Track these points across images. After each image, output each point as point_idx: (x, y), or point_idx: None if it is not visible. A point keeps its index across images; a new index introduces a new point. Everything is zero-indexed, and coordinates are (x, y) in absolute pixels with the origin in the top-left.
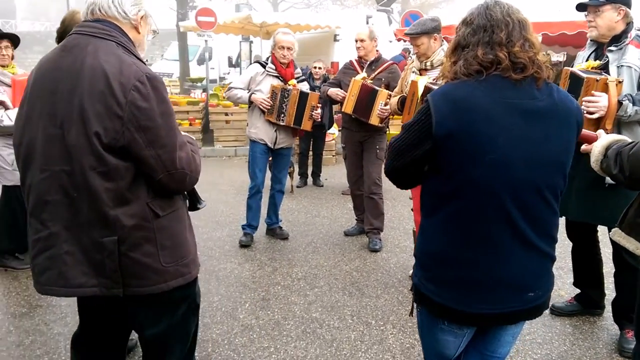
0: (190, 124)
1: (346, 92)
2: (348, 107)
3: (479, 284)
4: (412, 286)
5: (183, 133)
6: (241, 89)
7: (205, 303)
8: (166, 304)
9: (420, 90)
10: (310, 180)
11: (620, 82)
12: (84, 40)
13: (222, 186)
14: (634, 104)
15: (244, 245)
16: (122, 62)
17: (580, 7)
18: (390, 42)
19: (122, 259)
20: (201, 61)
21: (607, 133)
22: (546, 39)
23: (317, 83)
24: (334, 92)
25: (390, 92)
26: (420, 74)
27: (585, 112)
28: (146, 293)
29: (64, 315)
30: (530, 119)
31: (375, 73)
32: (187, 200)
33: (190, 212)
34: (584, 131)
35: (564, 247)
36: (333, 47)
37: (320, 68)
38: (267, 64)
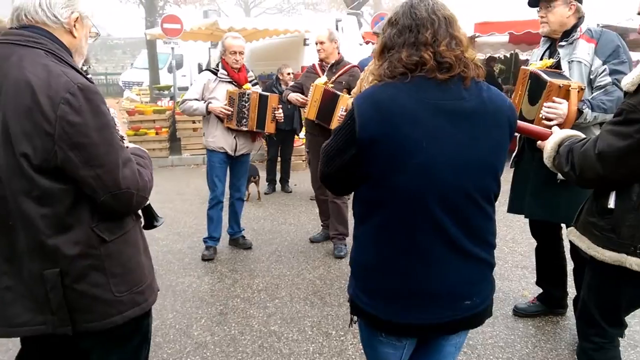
0: (157, 133)
1: (306, 97)
2: (311, 113)
3: (412, 294)
4: (349, 297)
5: (131, 145)
6: (195, 99)
7: (159, 321)
8: (118, 337)
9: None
10: (279, 186)
11: (582, 89)
12: (6, 50)
13: (187, 196)
14: (592, 109)
15: (206, 259)
16: (49, 73)
17: (533, 3)
18: (361, 45)
19: (67, 293)
20: (171, 69)
21: None
22: (513, 38)
23: (285, 88)
24: (294, 97)
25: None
26: None
27: (543, 117)
28: (98, 329)
29: (4, 342)
30: (457, 120)
31: (336, 76)
32: (142, 218)
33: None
34: (539, 128)
35: (529, 245)
36: (303, 52)
37: (289, 74)
38: (218, 70)
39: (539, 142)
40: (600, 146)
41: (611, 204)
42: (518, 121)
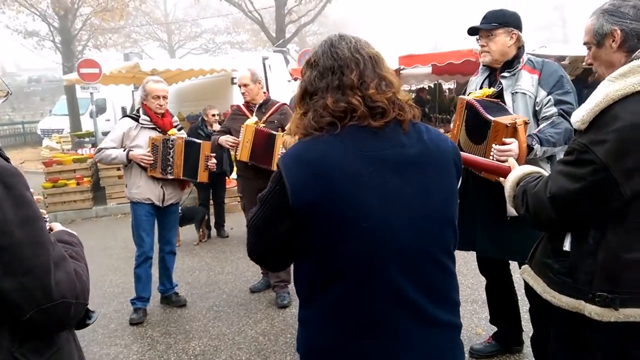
0: (78, 183)
1: (238, 138)
2: (244, 155)
3: None
4: None
5: (57, 228)
6: (114, 147)
7: None
8: None
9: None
10: (214, 232)
11: (527, 122)
12: None
13: (113, 250)
14: (541, 144)
15: (134, 323)
16: None
17: (472, 32)
18: (289, 81)
19: None
20: (92, 114)
21: None
22: (436, 70)
23: (211, 130)
24: (224, 139)
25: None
26: None
27: (494, 158)
28: None
29: None
30: (402, 171)
31: (267, 116)
32: None
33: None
34: (496, 163)
35: (476, 277)
36: (231, 91)
37: (215, 115)
38: (139, 116)
39: (500, 179)
40: (552, 188)
41: (566, 246)
42: (474, 156)
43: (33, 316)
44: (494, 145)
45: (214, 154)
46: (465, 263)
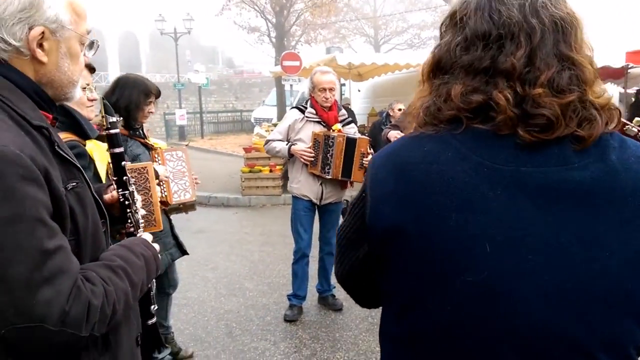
0: (271, 170)
1: None
2: None
3: None
4: None
5: (144, 236)
6: (279, 140)
7: None
8: None
9: None
10: None
11: None
12: None
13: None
14: None
15: (288, 320)
16: None
17: None
18: None
19: None
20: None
21: None
22: None
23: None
24: (393, 134)
25: None
26: None
27: None
28: None
29: None
30: (554, 204)
31: None
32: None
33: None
34: None
35: None
36: None
37: (401, 110)
38: (306, 108)
39: None
40: None
41: None
42: None
43: (6, 335)
44: None
45: (372, 152)
46: None
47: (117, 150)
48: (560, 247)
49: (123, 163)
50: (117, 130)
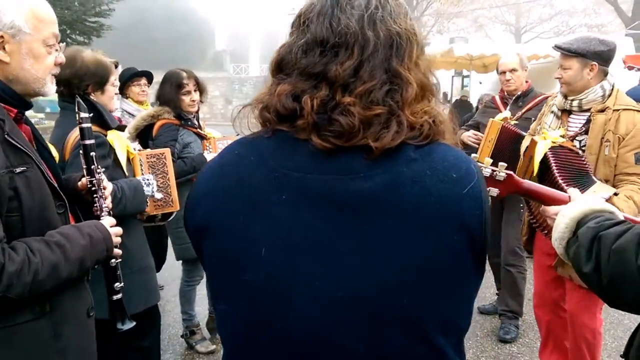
0: None
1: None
2: (483, 155)
3: None
4: None
5: (107, 222)
6: None
7: None
8: None
9: (538, 158)
10: None
11: None
12: None
13: None
14: None
15: None
16: None
17: None
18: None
19: None
20: None
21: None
22: None
23: None
24: (467, 135)
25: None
26: (561, 117)
27: None
28: None
29: None
30: (334, 213)
31: (523, 111)
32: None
33: None
34: (547, 189)
35: None
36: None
37: None
38: None
39: (542, 207)
40: None
41: None
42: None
43: None
44: None
45: None
46: None
47: (88, 142)
48: (337, 257)
49: (92, 153)
50: (88, 125)
